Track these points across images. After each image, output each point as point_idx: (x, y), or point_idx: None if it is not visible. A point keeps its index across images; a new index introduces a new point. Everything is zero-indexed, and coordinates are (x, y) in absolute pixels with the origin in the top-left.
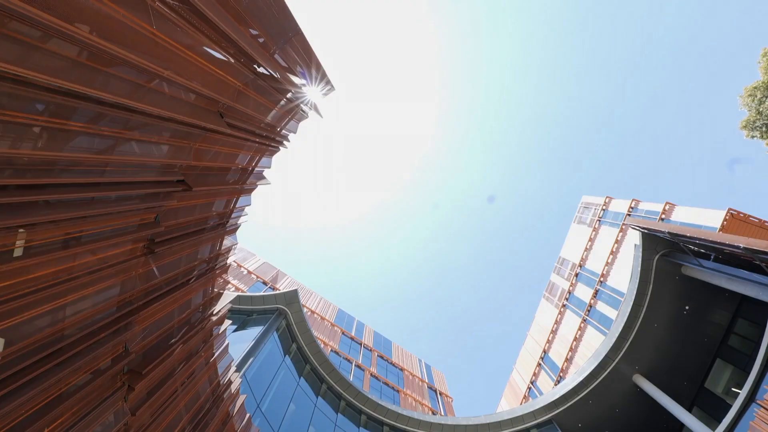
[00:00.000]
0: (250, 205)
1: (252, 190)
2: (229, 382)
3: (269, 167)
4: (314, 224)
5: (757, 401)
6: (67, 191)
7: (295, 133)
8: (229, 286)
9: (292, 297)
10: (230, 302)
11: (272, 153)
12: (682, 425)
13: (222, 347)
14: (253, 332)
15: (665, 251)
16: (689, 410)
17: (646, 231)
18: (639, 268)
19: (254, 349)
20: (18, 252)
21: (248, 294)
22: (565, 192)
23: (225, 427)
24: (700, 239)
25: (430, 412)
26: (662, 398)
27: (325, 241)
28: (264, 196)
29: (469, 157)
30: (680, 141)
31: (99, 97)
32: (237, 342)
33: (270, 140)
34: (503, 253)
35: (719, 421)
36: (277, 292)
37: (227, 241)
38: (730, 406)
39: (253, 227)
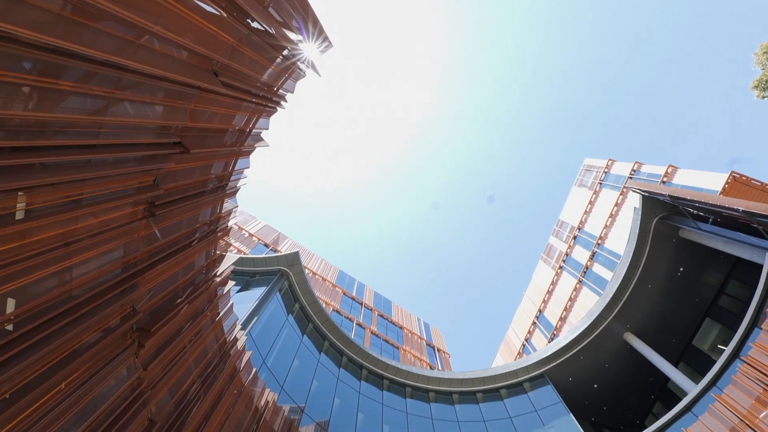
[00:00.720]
0: (248, 167)
1: (250, 152)
2: (235, 340)
3: (267, 129)
4: (313, 187)
5: (741, 357)
6: (62, 153)
7: (292, 92)
8: (231, 248)
9: (293, 259)
10: (233, 264)
11: (270, 114)
12: (667, 379)
13: (227, 307)
14: (257, 293)
15: (664, 214)
16: (675, 365)
17: (646, 194)
18: (637, 231)
19: (258, 309)
20: (20, 215)
21: (250, 256)
22: (568, 155)
23: (233, 380)
24: (700, 202)
25: (428, 368)
26: (650, 354)
27: (324, 203)
28: (263, 156)
29: (470, 120)
30: (691, 103)
31: (87, 54)
32: (241, 302)
33: (267, 100)
34: (503, 217)
35: (704, 376)
36: (279, 254)
37: (227, 204)
38: (715, 362)
39: (253, 189)
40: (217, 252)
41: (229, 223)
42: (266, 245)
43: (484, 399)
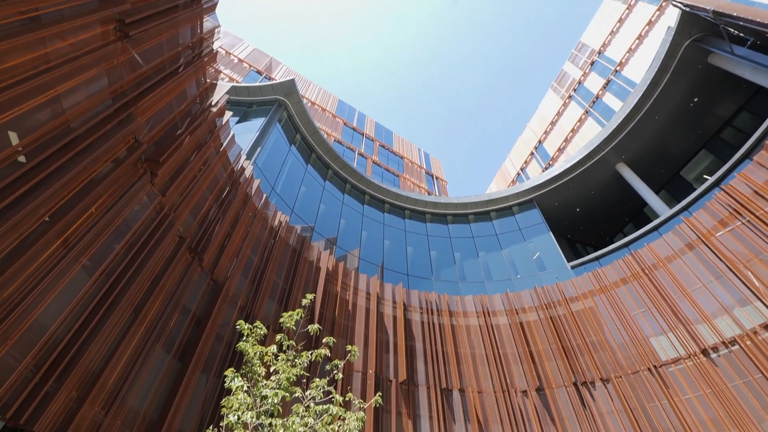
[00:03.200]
0: None
1: None
2: (242, 169)
3: None
4: (305, 6)
5: (722, 186)
6: None
7: None
8: (222, 76)
9: (289, 87)
10: (227, 93)
11: None
12: (645, 204)
13: (228, 138)
14: (256, 124)
15: (698, 35)
16: (657, 193)
17: (687, 8)
18: (663, 55)
19: (260, 139)
20: None
21: (244, 84)
22: None
23: (246, 205)
24: (745, 19)
25: (426, 194)
26: (636, 183)
27: (318, 25)
28: None
29: None
30: None
31: None
32: (242, 133)
33: None
34: (514, 43)
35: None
36: (274, 82)
37: (208, 23)
38: (695, 191)
39: (234, 4)
40: (208, 80)
41: (215, 46)
42: (258, 72)
43: (476, 220)
